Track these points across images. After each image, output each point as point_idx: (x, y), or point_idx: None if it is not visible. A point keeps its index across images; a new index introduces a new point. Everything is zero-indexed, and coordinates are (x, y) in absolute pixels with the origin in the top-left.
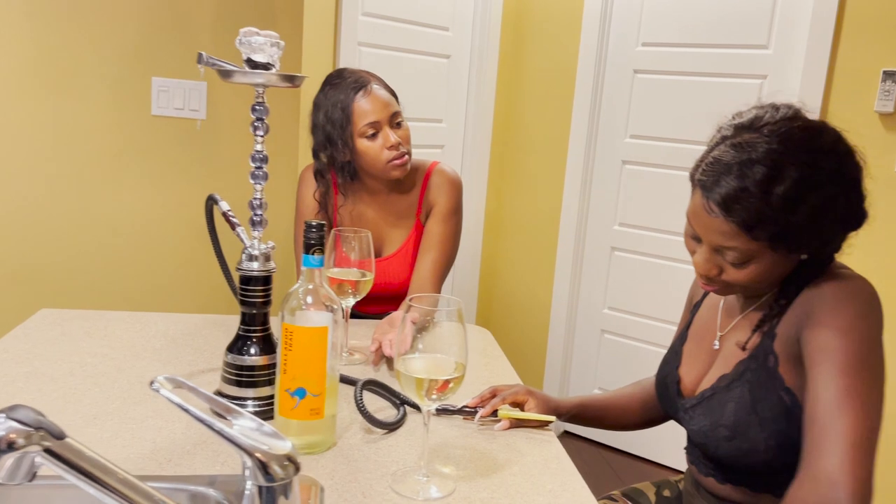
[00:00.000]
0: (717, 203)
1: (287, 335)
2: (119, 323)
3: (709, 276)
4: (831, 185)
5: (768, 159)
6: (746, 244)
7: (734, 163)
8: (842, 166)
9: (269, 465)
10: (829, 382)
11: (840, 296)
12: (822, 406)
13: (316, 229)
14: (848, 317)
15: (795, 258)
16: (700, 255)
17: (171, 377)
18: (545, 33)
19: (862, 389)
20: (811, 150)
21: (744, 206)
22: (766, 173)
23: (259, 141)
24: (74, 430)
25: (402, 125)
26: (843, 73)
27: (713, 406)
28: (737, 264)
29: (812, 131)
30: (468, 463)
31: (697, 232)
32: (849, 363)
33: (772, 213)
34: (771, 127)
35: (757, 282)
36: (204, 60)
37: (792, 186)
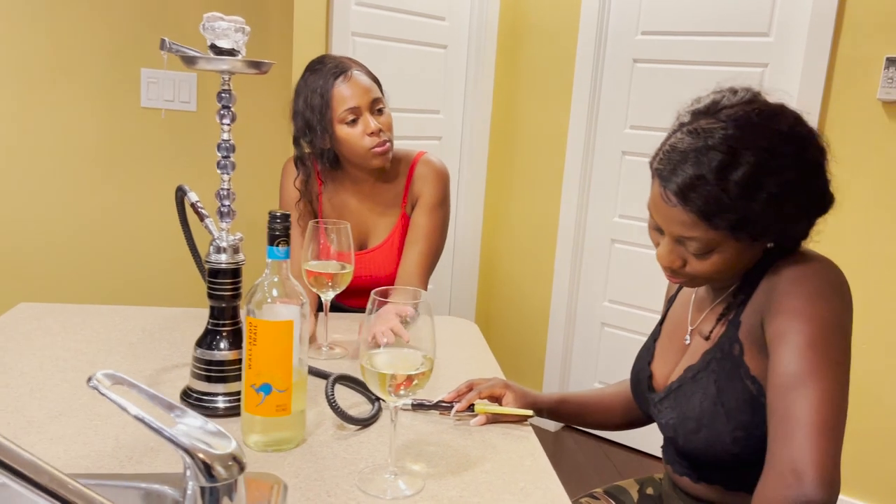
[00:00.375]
0: (674, 192)
1: (251, 329)
2: (97, 317)
3: (672, 267)
4: (790, 169)
5: (724, 145)
6: (707, 233)
7: (690, 150)
8: (801, 150)
9: (211, 465)
10: (788, 367)
11: (797, 277)
12: (780, 393)
13: (280, 220)
14: (804, 298)
15: (761, 246)
16: (663, 246)
17: (110, 373)
18: (543, 22)
19: (823, 371)
20: (768, 134)
21: (701, 194)
22: (723, 160)
23: (225, 130)
24: (37, 427)
25: (383, 112)
26: (846, 60)
27: (680, 398)
28: (699, 255)
29: (769, 115)
30: (440, 460)
31: (658, 222)
32: (807, 345)
33: (730, 200)
34: (728, 112)
35: (722, 272)
36: (167, 47)
37: (749, 172)
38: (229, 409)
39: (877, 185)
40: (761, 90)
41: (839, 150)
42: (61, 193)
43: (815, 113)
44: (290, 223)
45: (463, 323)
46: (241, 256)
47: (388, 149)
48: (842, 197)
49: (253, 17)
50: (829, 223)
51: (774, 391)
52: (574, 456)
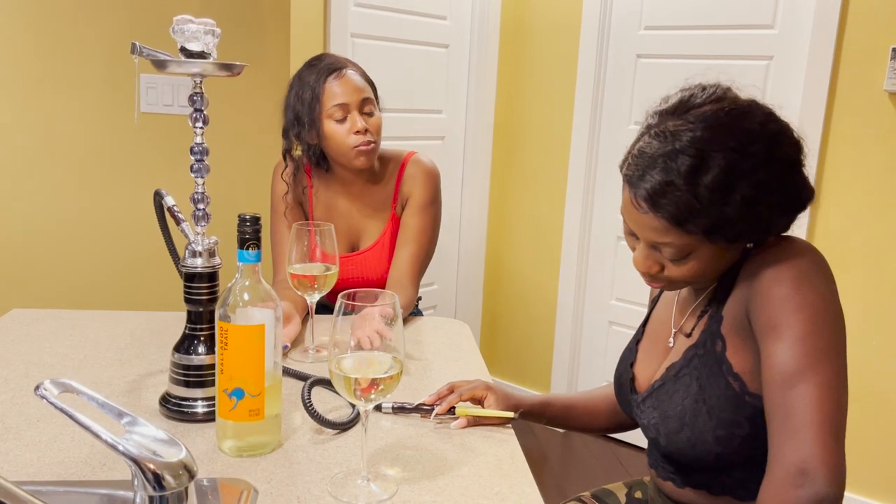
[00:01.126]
0: (644, 199)
1: (222, 334)
2: (88, 322)
3: (650, 273)
4: (763, 169)
5: (693, 148)
6: (681, 239)
7: (658, 155)
8: (773, 148)
9: (160, 474)
10: (783, 363)
11: (778, 262)
12: (779, 391)
13: (250, 223)
14: (790, 284)
15: (740, 247)
16: (639, 252)
17: (58, 381)
18: (545, 20)
19: (820, 364)
20: (738, 134)
21: (671, 200)
22: (692, 164)
23: (198, 133)
24: (14, 433)
25: (373, 114)
26: (851, 51)
27: (662, 397)
28: (676, 260)
29: (738, 114)
30: (416, 464)
31: (632, 228)
32: (800, 338)
33: (701, 205)
34: (695, 112)
35: (701, 275)
36: (137, 51)
37: (720, 176)
38: (208, 413)
39: (884, 176)
40: (732, 85)
41: (846, 142)
42: (63, 198)
43: (822, 105)
44: (259, 226)
45: (454, 324)
46: (216, 260)
47: (373, 149)
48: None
49: (250, 21)
50: (836, 216)
51: (772, 389)
52: (582, 456)
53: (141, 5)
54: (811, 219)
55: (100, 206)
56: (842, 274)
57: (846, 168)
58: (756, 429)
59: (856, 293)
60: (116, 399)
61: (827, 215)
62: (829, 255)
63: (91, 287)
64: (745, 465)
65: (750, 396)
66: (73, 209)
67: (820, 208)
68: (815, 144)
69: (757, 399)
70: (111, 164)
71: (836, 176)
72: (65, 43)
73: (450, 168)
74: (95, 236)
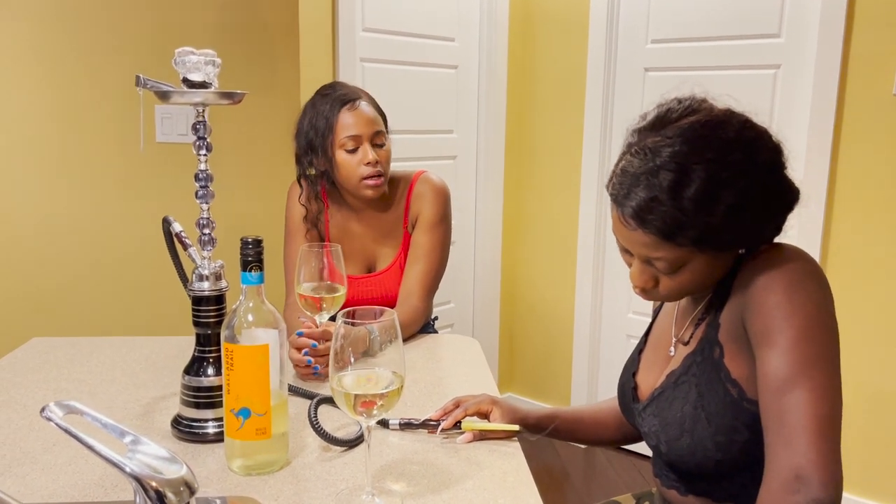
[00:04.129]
0: (631, 216)
1: (228, 355)
2: (105, 348)
3: (646, 288)
4: (744, 177)
5: (673, 163)
6: (672, 252)
7: (640, 172)
8: (752, 155)
9: (161, 492)
10: (776, 370)
11: (771, 269)
12: (773, 397)
13: (252, 245)
14: (782, 290)
15: (732, 254)
16: (634, 268)
17: (63, 402)
18: (553, 36)
19: (812, 369)
20: (716, 144)
21: (658, 215)
22: (674, 178)
23: (202, 160)
24: (31, 458)
25: (384, 146)
26: (859, 57)
27: (662, 405)
28: (669, 273)
29: (714, 124)
30: (421, 478)
31: (624, 245)
32: (792, 344)
33: (687, 218)
34: (673, 126)
35: (696, 285)
36: (141, 83)
37: (702, 187)
38: (219, 434)
39: (894, 182)
40: (706, 96)
41: (857, 148)
42: (83, 228)
43: (831, 112)
44: (261, 249)
45: (464, 340)
46: (223, 283)
47: (382, 182)
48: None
49: (259, 48)
50: (849, 222)
51: (767, 396)
52: (605, 471)
53: (153, 38)
54: (825, 225)
55: (119, 233)
56: (856, 280)
57: (858, 174)
58: (755, 434)
59: (870, 298)
60: (131, 421)
61: (840, 222)
62: (842, 262)
63: (111, 313)
64: (747, 471)
65: (748, 403)
66: (94, 237)
67: (833, 215)
68: (825, 151)
69: (755, 405)
70: (129, 194)
71: (849, 182)
72: (82, 74)
73: (463, 186)
74: (114, 264)
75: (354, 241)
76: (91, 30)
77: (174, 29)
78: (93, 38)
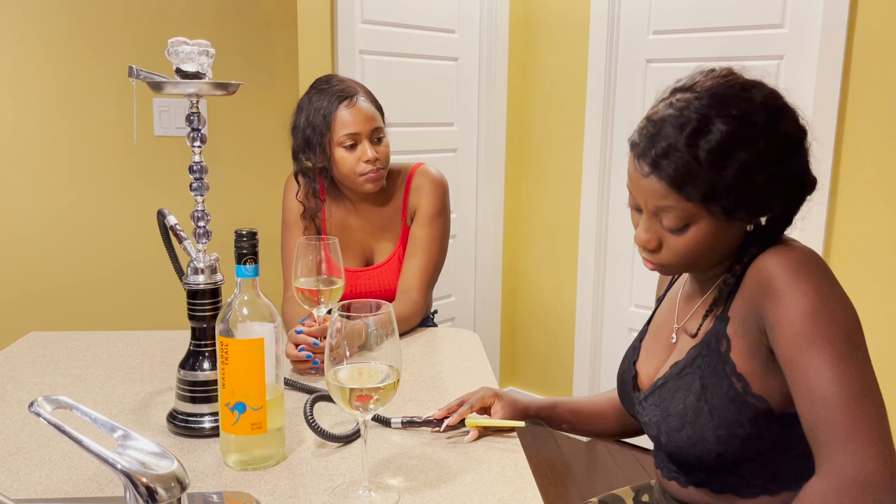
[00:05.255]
0: (647, 162)
1: (223, 348)
2: (102, 343)
3: (649, 247)
4: (763, 140)
5: (696, 114)
6: (680, 204)
7: (663, 120)
8: (775, 122)
9: (151, 487)
10: (826, 380)
11: (794, 269)
12: (824, 402)
13: (247, 238)
14: (812, 294)
15: (739, 229)
16: (640, 225)
17: (52, 397)
18: (554, 28)
19: (858, 370)
20: (741, 104)
21: (672, 161)
22: (694, 128)
23: (196, 152)
24: (25, 452)
25: (382, 141)
26: (863, 47)
27: (664, 395)
28: (675, 230)
29: (744, 87)
30: (419, 473)
31: (635, 197)
32: (839, 350)
33: (700, 169)
34: (703, 84)
35: (700, 252)
36: (134, 74)
37: (720, 141)
38: (215, 428)
39: None
40: (742, 70)
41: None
42: (81, 222)
43: (834, 103)
44: (256, 241)
45: (464, 333)
46: (218, 276)
47: (381, 177)
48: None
49: (258, 39)
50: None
51: (813, 402)
52: (607, 465)
53: (149, 29)
54: (828, 217)
55: (116, 228)
56: (860, 271)
57: (862, 166)
58: (757, 429)
59: (874, 290)
60: (126, 416)
61: (843, 214)
62: (846, 254)
63: (108, 307)
64: (747, 464)
65: (752, 398)
66: (91, 231)
67: (837, 208)
68: (828, 143)
69: (759, 400)
70: (127, 188)
71: (852, 174)
72: (78, 66)
73: (463, 180)
74: (109, 256)
75: (352, 234)
76: (86, 21)
77: (171, 20)
78: (88, 30)
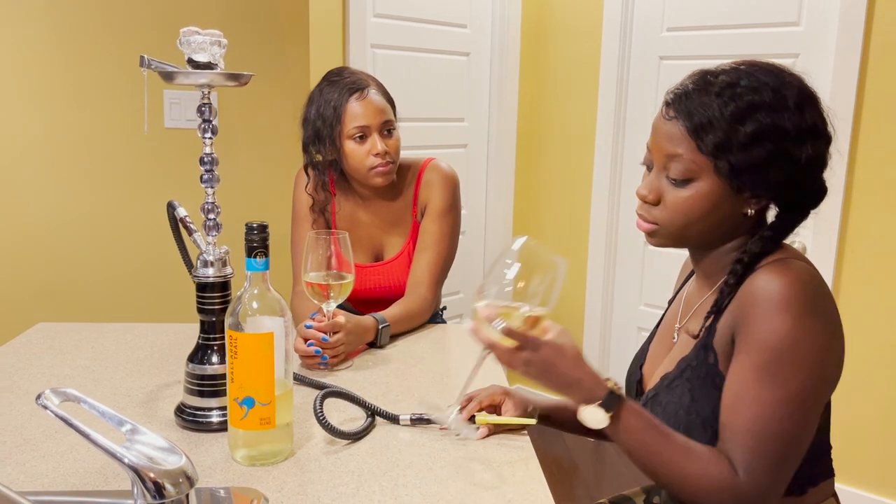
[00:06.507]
0: (675, 107)
1: (232, 343)
2: (111, 335)
3: (648, 199)
4: (787, 116)
5: (733, 73)
6: (691, 154)
7: (700, 80)
8: (802, 107)
9: (159, 482)
10: (752, 404)
11: (781, 299)
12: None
13: (257, 231)
14: (785, 331)
15: (738, 209)
16: (646, 179)
17: (59, 390)
18: (567, 23)
19: (767, 394)
20: (776, 78)
21: (695, 104)
22: (726, 82)
23: (207, 143)
24: (32, 444)
25: (392, 134)
26: (880, 46)
27: (656, 408)
28: (679, 181)
29: (783, 71)
30: (429, 471)
31: (650, 147)
32: (785, 394)
33: (721, 119)
34: (744, 61)
35: (695, 215)
36: (146, 63)
37: (748, 101)
38: (223, 423)
39: None
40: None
41: (877, 139)
42: (90, 213)
43: (851, 102)
44: (267, 234)
45: None
46: (228, 270)
47: (391, 170)
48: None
49: (269, 32)
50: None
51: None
52: (614, 464)
53: (160, 20)
54: (842, 218)
55: (125, 220)
56: (875, 274)
57: (877, 165)
58: None
59: (888, 290)
60: (134, 409)
61: (858, 216)
62: (861, 257)
63: (116, 299)
64: None
65: None
66: (99, 223)
67: (851, 209)
68: (844, 142)
69: None
70: (136, 179)
71: (868, 174)
72: (88, 57)
73: (474, 175)
74: (120, 250)
75: (362, 229)
76: (97, 11)
77: (182, 11)
78: (99, 20)
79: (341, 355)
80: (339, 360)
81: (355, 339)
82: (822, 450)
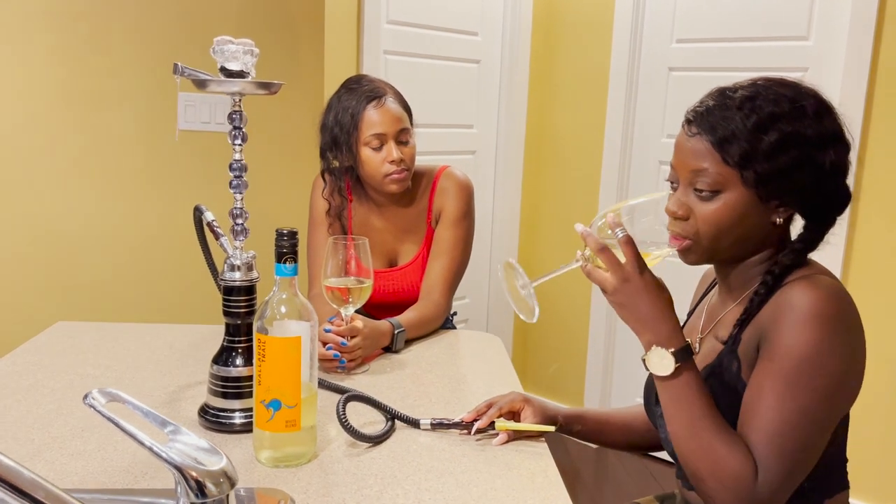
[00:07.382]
0: (697, 123)
1: (260, 346)
2: (129, 335)
3: (678, 215)
4: (807, 121)
5: (750, 88)
6: (717, 167)
7: (716, 93)
8: (821, 115)
9: (202, 482)
10: (763, 379)
11: (811, 315)
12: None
13: (287, 237)
14: (812, 343)
15: (767, 217)
16: (673, 196)
17: (105, 390)
18: (576, 33)
19: (795, 395)
20: (794, 90)
21: (719, 119)
22: (745, 96)
23: (237, 150)
24: (59, 442)
25: (408, 143)
26: (889, 61)
27: None
28: (707, 193)
29: (799, 85)
30: (449, 477)
31: (675, 165)
32: (806, 403)
33: (744, 130)
34: (753, 78)
35: (726, 226)
36: (179, 71)
37: (768, 111)
38: (245, 424)
39: None
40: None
41: (885, 155)
42: (106, 213)
43: (859, 117)
44: (297, 240)
45: (486, 337)
46: (254, 274)
47: (406, 177)
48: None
49: (284, 39)
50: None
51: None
52: (616, 472)
53: (180, 27)
54: (849, 232)
55: (141, 220)
56: (884, 285)
57: (885, 180)
58: None
59: (894, 303)
60: (157, 409)
61: (865, 229)
62: (870, 269)
63: (133, 300)
64: None
65: None
66: (116, 224)
67: (858, 222)
68: (852, 155)
69: None
70: (152, 180)
71: (875, 188)
72: (106, 63)
73: (481, 182)
74: (137, 251)
75: (376, 235)
76: (114, 18)
77: (197, 19)
78: (116, 28)
79: (358, 359)
80: (356, 363)
81: (372, 343)
82: (838, 461)
